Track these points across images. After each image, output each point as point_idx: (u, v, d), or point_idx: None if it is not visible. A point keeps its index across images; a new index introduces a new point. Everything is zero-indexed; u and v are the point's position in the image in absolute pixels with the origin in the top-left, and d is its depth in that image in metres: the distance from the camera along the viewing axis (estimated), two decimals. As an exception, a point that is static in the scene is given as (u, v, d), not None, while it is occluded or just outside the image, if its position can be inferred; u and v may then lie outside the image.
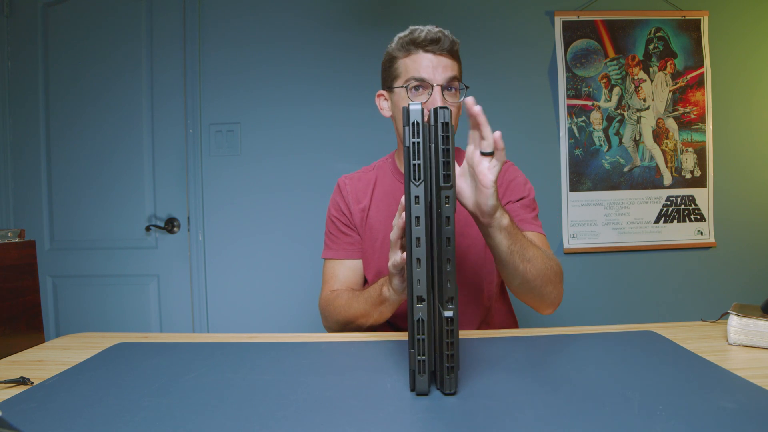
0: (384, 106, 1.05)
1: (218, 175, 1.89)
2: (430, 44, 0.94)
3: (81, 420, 0.54)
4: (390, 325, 1.04)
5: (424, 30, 0.94)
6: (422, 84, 0.94)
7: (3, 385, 0.65)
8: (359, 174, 1.14)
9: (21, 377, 0.66)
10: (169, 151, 1.89)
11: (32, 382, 0.65)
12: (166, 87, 1.89)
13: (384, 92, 1.04)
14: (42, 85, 1.92)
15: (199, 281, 1.89)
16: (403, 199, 0.75)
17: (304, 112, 1.89)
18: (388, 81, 1.01)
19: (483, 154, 0.73)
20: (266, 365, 0.71)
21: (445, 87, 0.95)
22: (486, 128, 0.72)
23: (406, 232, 0.60)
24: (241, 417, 0.54)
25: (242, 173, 1.89)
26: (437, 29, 0.94)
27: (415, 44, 0.95)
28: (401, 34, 0.97)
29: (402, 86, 0.97)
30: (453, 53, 0.96)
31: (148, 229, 1.88)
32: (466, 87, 0.99)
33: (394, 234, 0.77)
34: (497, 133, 0.72)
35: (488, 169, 0.73)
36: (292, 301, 1.88)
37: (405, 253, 0.75)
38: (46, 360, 0.78)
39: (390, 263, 0.79)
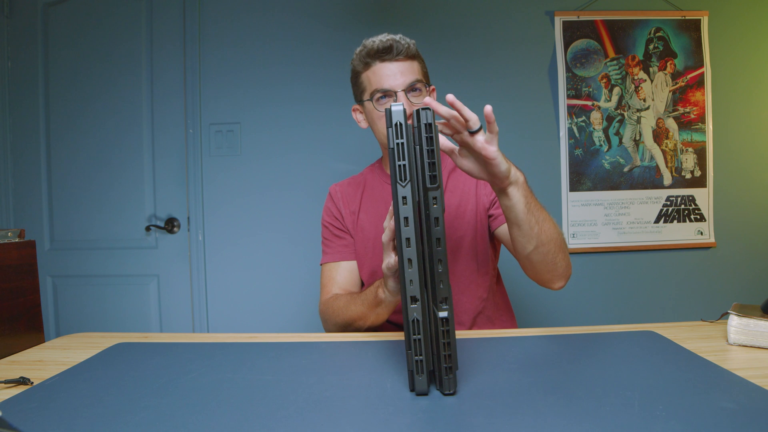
0: (360, 118, 1.11)
1: (218, 175, 1.89)
2: (384, 53, 0.98)
3: (81, 420, 0.54)
4: (391, 323, 1.05)
5: (376, 41, 0.98)
6: (386, 93, 0.99)
7: (3, 385, 0.65)
8: (349, 180, 1.19)
9: (21, 377, 0.66)
10: (169, 151, 1.89)
11: (32, 382, 0.65)
12: (166, 87, 1.89)
13: (358, 106, 1.10)
14: (42, 85, 1.92)
15: (199, 281, 1.89)
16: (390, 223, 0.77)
17: (304, 112, 1.89)
18: (357, 95, 1.08)
19: (471, 132, 0.73)
20: (266, 365, 0.71)
21: (409, 90, 0.98)
22: (465, 111, 0.72)
23: (396, 234, 0.60)
24: (241, 417, 0.54)
25: (242, 173, 1.89)
26: (388, 37, 0.98)
27: (370, 56, 0.99)
28: (357, 50, 1.03)
29: (368, 100, 1.02)
30: (410, 56, 1.00)
31: (148, 229, 1.88)
32: (430, 85, 1.04)
33: (386, 236, 0.78)
34: (488, 107, 0.72)
35: (486, 143, 0.73)
36: (291, 302, 1.88)
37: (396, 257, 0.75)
38: (46, 360, 0.78)
39: (384, 265, 0.80)
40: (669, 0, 1.90)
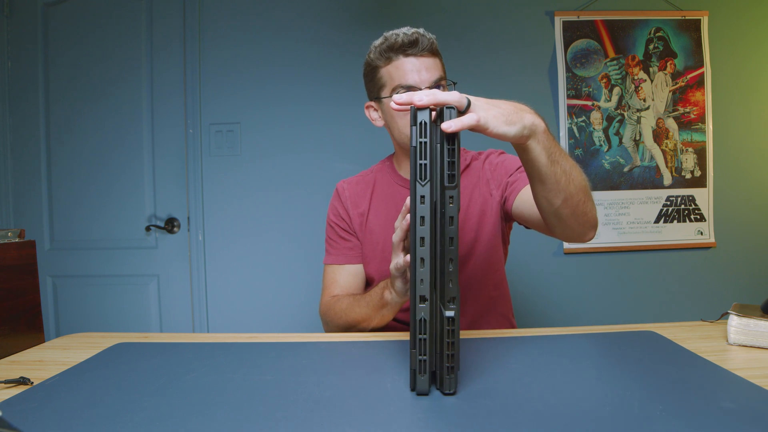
0: (374, 116, 1.04)
1: (218, 175, 1.89)
2: (408, 47, 0.92)
3: (81, 420, 0.54)
4: (398, 321, 1.04)
5: (400, 34, 0.92)
6: (410, 90, 0.92)
7: (3, 385, 0.65)
8: (357, 178, 1.13)
9: (21, 377, 0.65)
10: (169, 151, 1.89)
11: (32, 382, 0.65)
12: (166, 87, 1.89)
13: (372, 103, 1.03)
14: (42, 85, 1.92)
15: (199, 281, 1.89)
16: (407, 200, 0.75)
17: (304, 112, 1.89)
18: (374, 91, 1.00)
19: (461, 112, 0.64)
20: (266, 365, 0.71)
21: (433, 87, 0.92)
22: (447, 98, 0.63)
23: (410, 232, 0.60)
24: (241, 417, 0.54)
25: (242, 173, 1.89)
26: (412, 30, 0.92)
27: (393, 50, 0.93)
28: (376, 43, 0.96)
29: (388, 97, 0.95)
30: (433, 51, 0.94)
31: (148, 229, 1.88)
32: (454, 83, 0.97)
33: (397, 236, 0.77)
34: (443, 127, 0.66)
35: (472, 114, 0.62)
36: (291, 302, 1.88)
37: (408, 256, 0.74)
38: (46, 360, 0.78)
39: (392, 265, 0.79)
40: (669, 0, 1.90)
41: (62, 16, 1.91)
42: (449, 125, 0.56)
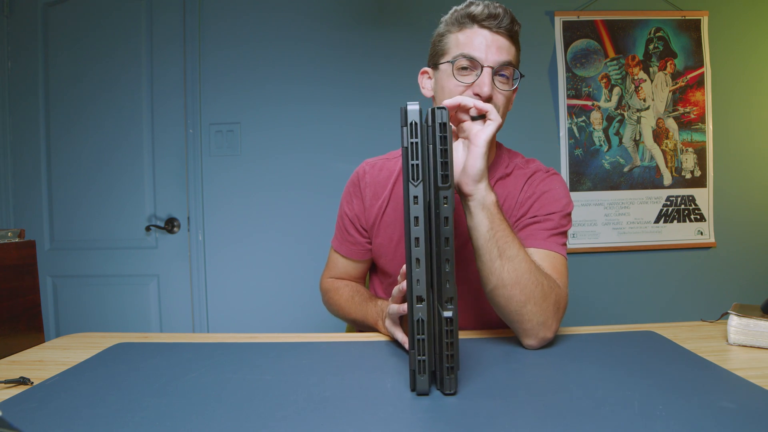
0: (426, 85, 0.95)
1: (218, 175, 1.89)
2: (486, 19, 0.84)
3: (81, 420, 0.54)
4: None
5: (482, 3, 0.85)
6: (471, 63, 0.84)
7: (3, 385, 0.65)
8: (383, 161, 1.04)
9: (21, 377, 0.66)
10: (169, 151, 1.89)
11: (32, 382, 0.65)
12: (166, 87, 1.89)
13: (429, 69, 0.94)
14: (42, 85, 1.92)
15: (199, 281, 1.89)
16: (403, 267, 0.75)
17: (304, 112, 1.89)
18: (434, 57, 0.91)
19: (473, 118, 0.74)
20: (266, 365, 0.71)
21: (497, 72, 0.84)
22: (465, 99, 0.73)
23: (405, 232, 0.60)
24: (241, 417, 0.54)
25: (242, 173, 1.89)
26: (498, 4, 0.85)
27: (470, 18, 0.85)
28: (457, 7, 0.88)
29: (448, 61, 0.86)
30: (512, 34, 0.86)
31: (148, 229, 1.88)
32: (522, 75, 0.88)
33: (397, 290, 0.77)
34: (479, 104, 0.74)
35: (481, 130, 0.72)
36: (292, 301, 1.88)
37: (406, 306, 0.74)
38: (46, 360, 0.78)
39: (390, 309, 0.79)
40: (669, 0, 1.90)
41: (62, 16, 1.91)
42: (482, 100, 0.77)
